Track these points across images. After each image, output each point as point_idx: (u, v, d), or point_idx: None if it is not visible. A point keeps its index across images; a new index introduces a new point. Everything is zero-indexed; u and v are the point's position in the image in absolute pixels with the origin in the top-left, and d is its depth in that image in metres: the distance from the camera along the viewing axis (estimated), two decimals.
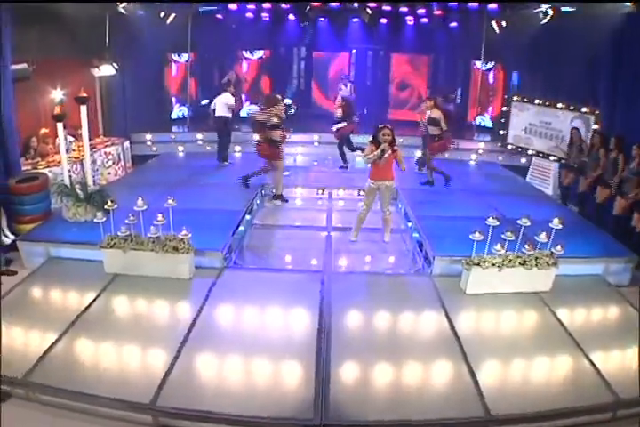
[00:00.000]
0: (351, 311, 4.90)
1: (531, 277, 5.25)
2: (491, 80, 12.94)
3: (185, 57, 12.41)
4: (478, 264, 5.12)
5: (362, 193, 8.18)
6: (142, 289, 5.20)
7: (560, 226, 5.21)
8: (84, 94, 6.81)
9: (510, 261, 5.18)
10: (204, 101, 12.48)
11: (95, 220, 5.47)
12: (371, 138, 6.18)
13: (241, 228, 6.65)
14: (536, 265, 5.20)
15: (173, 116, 13.02)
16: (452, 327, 4.67)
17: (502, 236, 5.14)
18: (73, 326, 4.53)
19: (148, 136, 11.36)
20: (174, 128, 12.38)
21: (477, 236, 5.10)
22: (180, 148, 11.22)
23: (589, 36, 8.44)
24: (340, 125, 9.55)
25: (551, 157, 9.80)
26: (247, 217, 7.26)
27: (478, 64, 12.68)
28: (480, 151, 11.38)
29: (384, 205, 6.41)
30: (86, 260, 5.66)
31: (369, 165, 6.27)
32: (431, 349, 4.40)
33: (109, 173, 8.99)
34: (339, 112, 9.53)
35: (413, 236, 6.81)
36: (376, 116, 12.20)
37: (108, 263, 5.47)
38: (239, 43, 13.16)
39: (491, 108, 13.10)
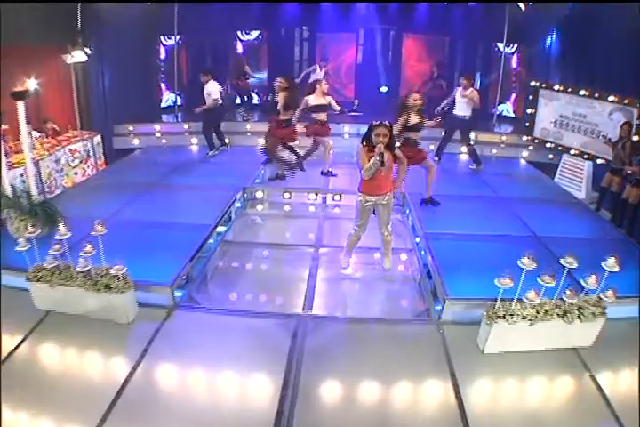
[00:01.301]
0: (326, 378, 3.71)
1: (568, 329, 4.00)
2: (514, 64, 11.53)
3: (175, 39, 11.18)
4: (504, 317, 3.89)
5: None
6: (72, 335, 4.11)
7: (616, 268, 3.92)
8: (22, 88, 5.65)
9: (546, 312, 3.92)
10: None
11: (17, 248, 4.32)
12: (360, 140, 4.75)
13: (202, 253, 5.39)
14: (579, 317, 3.95)
15: (163, 104, 11.91)
16: (460, 403, 3.49)
17: (538, 280, 3.89)
18: None
19: (131, 128, 10.30)
20: (164, 117, 11.29)
21: (506, 282, 3.86)
22: (164, 140, 10.09)
23: (635, 15, 7.06)
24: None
25: (585, 155, 8.46)
26: (221, 229, 6.15)
27: (500, 46, 11.26)
28: (502, 145, 10.07)
29: (382, 225, 5.08)
30: (22, 288, 4.51)
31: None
32: None
33: (76, 174, 7.90)
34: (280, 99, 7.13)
35: (421, 254, 5.63)
36: (387, 104, 10.88)
37: (38, 298, 4.40)
38: (233, 22, 11.86)
39: (513, 96, 11.73)
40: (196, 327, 4.23)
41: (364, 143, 4.68)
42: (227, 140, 9.58)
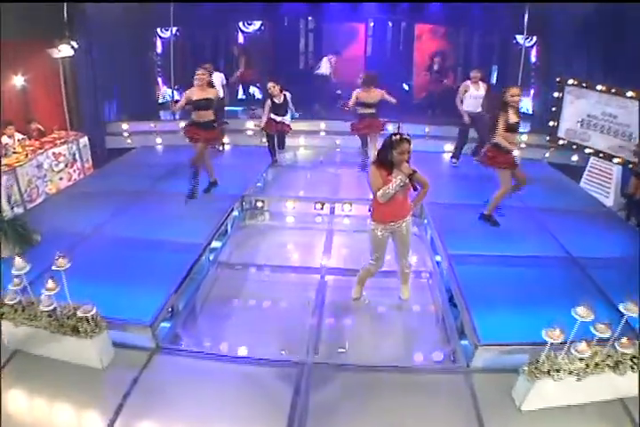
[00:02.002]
0: None
1: (615, 379, 3.38)
2: (533, 58, 10.74)
3: (173, 31, 10.45)
4: (548, 373, 3.23)
5: None
6: (40, 382, 3.51)
7: None
8: None
9: (597, 365, 3.28)
10: None
11: None
12: (376, 155, 4.01)
13: (193, 275, 4.75)
14: (632, 367, 3.31)
15: (160, 100, 11.23)
16: None
17: (591, 329, 3.22)
18: None
19: (125, 126, 9.64)
20: (162, 114, 10.62)
21: (556, 336, 3.19)
22: (159, 140, 9.42)
23: None
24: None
25: (615, 159, 7.73)
26: (216, 244, 5.51)
27: (520, 39, 10.48)
28: (522, 145, 9.34)
29: (401, 257, 4.37)
30: None
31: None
32: None
33: (61, 179, 7.24)
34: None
35: (443, 278, 4.97)
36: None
37: (4, 335, 3.79)
38: (234, 13, 11.10)
39: (532, 92, 10.96)
40: (182, 377, 3.59)
41: (379, 159, 3.95)
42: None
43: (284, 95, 7.45)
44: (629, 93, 7.35)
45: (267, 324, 4.36)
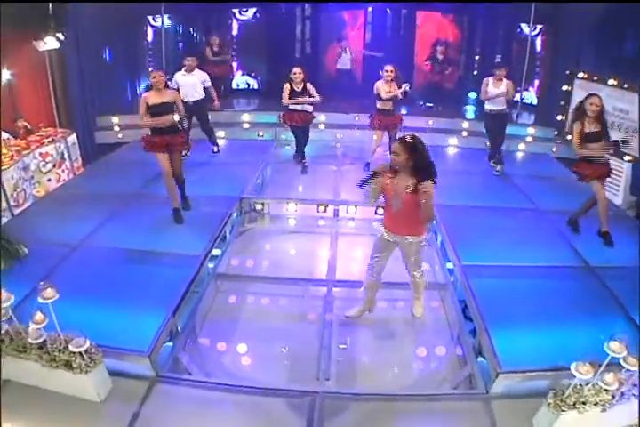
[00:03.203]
0: None
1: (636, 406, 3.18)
2: (538, 48, 10.40)
3: (164, 19, 9.99)
4: (574, 405, 3.02)
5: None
6: (33, 416, 3.23)
7: None
8: None
9: (623, 395, 3.08)
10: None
11: None
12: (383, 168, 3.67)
13: (192, 290, 4.45)
14: None
15: None
16: None
17: (622, 362, 2.99)
18: None
19: (115, 119, 9.24)
20: None
21: (586, 371, 2.96)
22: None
23: None
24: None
25: (626, 157, 7.47)
26: (215, 252, 5.23)
27: (525, 28, 10.12)
28: (529, 139, 9.08)
29: (410, 266, 4.10)
30: None
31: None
32: None
33: (49, 180, 6.86)
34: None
35: (456, 291, 4.73)
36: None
37: None
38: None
39: (537, 83, 10.65)
40: (184, 409, 3.32)
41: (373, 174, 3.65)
42: None
43: (305, 84, 6.96)
44: None
45: (272, 346, 4.11)
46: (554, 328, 3.89)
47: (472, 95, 11.00)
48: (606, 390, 3.07)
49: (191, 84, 7.30)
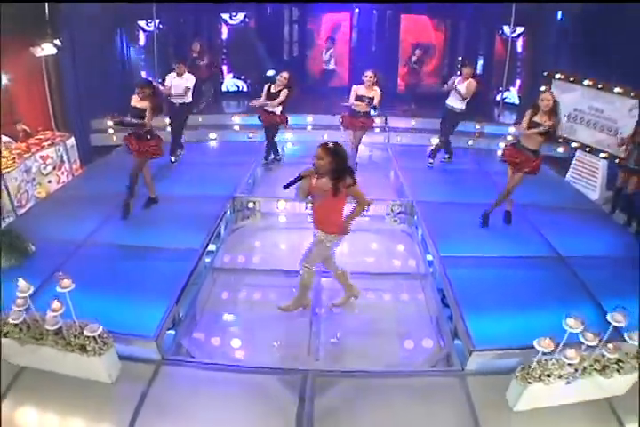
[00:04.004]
0: None
1: (602, 381, 3.55)
2: (519, 49, 10.83)
3: (155, 24, 10.28)
4: (539, 378, 3.40)
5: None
6: (50, 398, 3.54)
7: None
8: None
9: (585, 369, 3.46)
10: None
11: None
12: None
13: (191, 283, 4.79)
14: (617, 371, 3.49)
15: None
16: None
17: (580, 338, 3.36)
18: None
19: (110, 122, 9.49)
20: None
21: (546, 345, 3.34)
22: None
23: None
24: None
25: (601, 154, 7.89)
26: (212, 247, 5.57)
27: (506, 30, 10.53)
28: (509, 137, 9.48)
29: (325, 265, 4.50)
30: None
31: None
32: None
33: (50, 182, 7.17)
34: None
35: (435, 281, 5.12)
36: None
37: (9, 354, 3.81)
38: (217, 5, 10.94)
39: (518, 82, 11.08)
40: (187, 388, 3.66)
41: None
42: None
43: (283, 89, 7.25)
44: (617, 89, 7.48)
45: (266, 332, 4.45)
46: (524, 313, 4.26)
47: None
48: (570, 364, 3.45)
49: (180, 86, 7.61)
